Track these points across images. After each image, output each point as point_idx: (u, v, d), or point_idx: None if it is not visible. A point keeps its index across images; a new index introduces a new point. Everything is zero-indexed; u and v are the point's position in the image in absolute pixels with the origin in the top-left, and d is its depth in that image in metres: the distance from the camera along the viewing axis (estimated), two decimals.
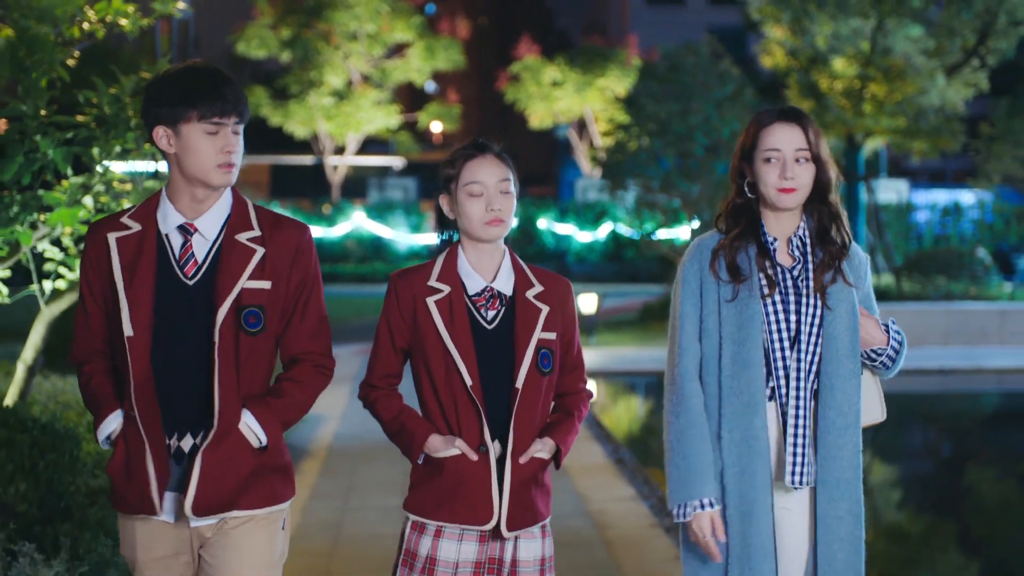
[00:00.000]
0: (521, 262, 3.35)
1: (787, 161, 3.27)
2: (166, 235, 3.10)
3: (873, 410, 3.39)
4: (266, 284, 3.08)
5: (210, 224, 3.10)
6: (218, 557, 3.08)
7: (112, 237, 3.07)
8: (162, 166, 6.13)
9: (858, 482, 3.31)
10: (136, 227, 3.09)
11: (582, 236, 32.81)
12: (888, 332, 3.35)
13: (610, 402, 13.16)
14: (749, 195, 3.36)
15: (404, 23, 34.62)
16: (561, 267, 31.59)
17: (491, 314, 3.25)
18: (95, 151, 5.50)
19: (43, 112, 5.28)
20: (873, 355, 3.34)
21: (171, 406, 3.04)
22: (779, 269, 3.31)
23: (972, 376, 14.56)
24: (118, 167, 5.85)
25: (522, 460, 3.18)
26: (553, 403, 3.36)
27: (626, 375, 14.50)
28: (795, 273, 3.31)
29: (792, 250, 3.33)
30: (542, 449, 3.22)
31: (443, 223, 3.35)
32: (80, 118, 5.57)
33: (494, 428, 3.20)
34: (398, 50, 36.19)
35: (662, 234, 19.81)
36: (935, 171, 47.73)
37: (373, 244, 31.89)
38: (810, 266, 3.31)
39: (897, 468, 10.18)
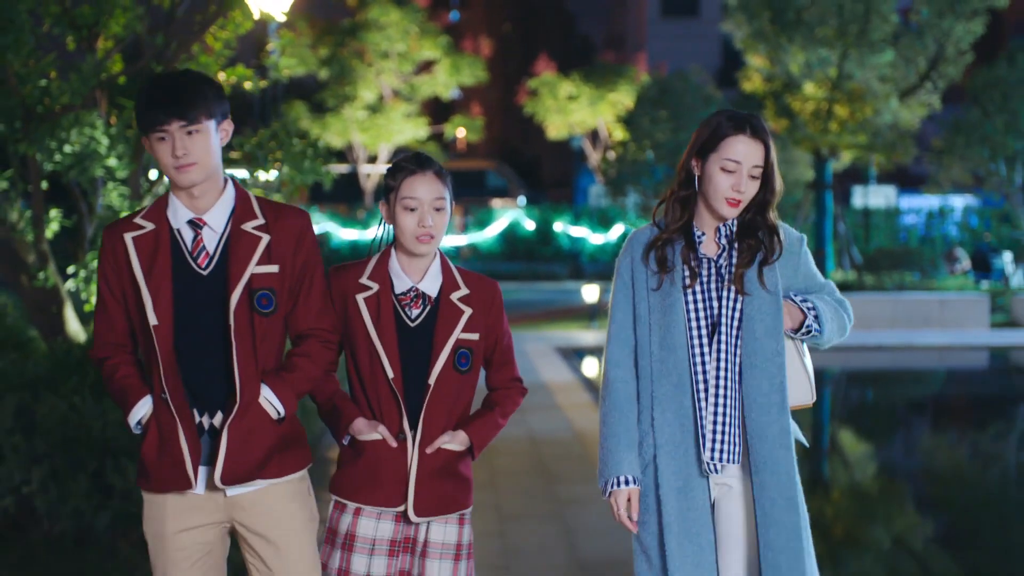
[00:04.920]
0: (452, 266, 3.46)
1: (743, 175, 3.27)
2: (178, 230, 3.21)
3: (803, 393, 3.39)
4: (274, 268, 3.21)
5: (218, 217, 3.22)
6: (256, 522, 3.24)
7: (128, 237, 3.19)
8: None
9: (790, 463, 3.30)
10: (150, 226, 3.20)
11: (595, 238, 35.29)
12: (803, 310, 3.38)
13: (601, 366, 16.11)
14: (695, 188, 3.38)
15: (431, 42, 36.79)
16: (575, 266, 34.17)
17: (415, 313, 3.36)
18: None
19: None
20: (795, 333, 3.39)
21: (197, 387, 3.18)
22: (703, 260, 3.37)
23: (909, 352, 17.32)
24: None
25: (428, 450, 3.32)
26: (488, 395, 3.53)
27: None
28: (719, 261, 3.37)
29: (719, 238, 3.38)
30: (450, 441, 3.35)
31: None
32: (234, 154, 8.52)
33: (411, 419, 3.32)
34: (426, 67, 38.20)
35: None
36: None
37: None
38: (734, 257, 3.36)
39: (848, 418, 12.96)
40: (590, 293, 19.53)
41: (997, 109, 20.67)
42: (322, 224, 33.23)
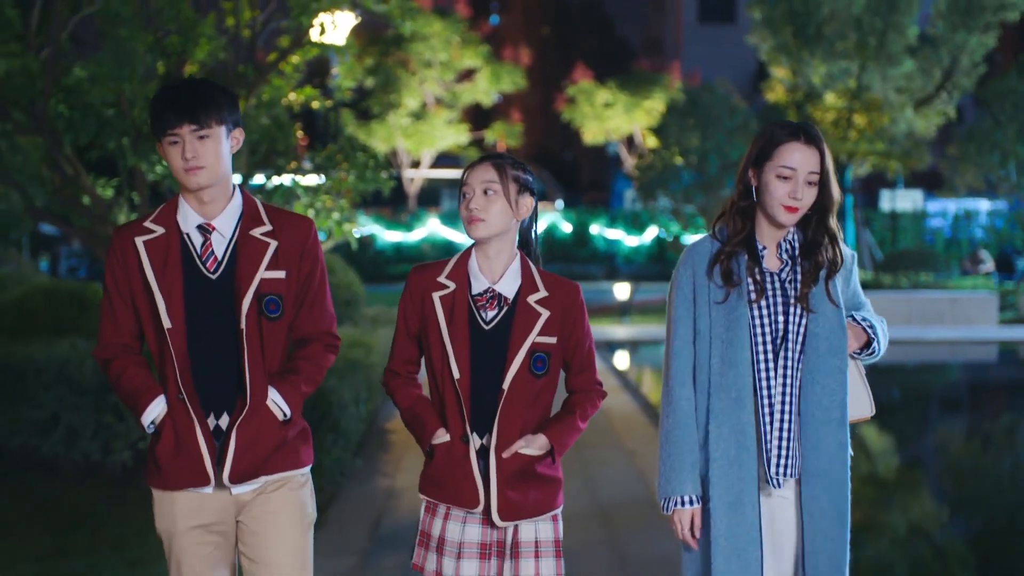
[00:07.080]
0: (532, 267, 3.37)
1: (799, 181, 3.23)
2: (187, 234, 3.23)
3: (862, 406, 3.39)
4: (281, 273, 3.24)
5: (226, 222, 3.24)
6: (258, 520, 3.29)
7: (139, 240, 3.20)
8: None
9: (844, 478, 3.28)
10: (160, 230, 3.22)
11: (629, 240, 36.15)
12: (866, 331, 3.38)
13: (630, 357, 17.38)
14: (753, 199, 3.33)
15: (472, 52, 37.75)
16: (611, 267, 35.08)
17: (490, 315, 3.29)
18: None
19: (292, 164, 9.59)
20: (859, 353, 3.40)
21: (206, 388, 3.20)
22: (768, 275, 3.31)
23: (923, 346, 18.29)
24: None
25: (505, 455, 3.25)
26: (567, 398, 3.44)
27: (645, 343, 18.79)
28: (783, 276, 3.31)
29: (781, 254, 3.34)
30: (527, 446, 3.27)
31: None
32: (306, 165, 9.87)
33: (484, 423, 3.27)
34: (467, 75, 39.12)
35: (689, 238, 23.83)
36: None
37: (446, 247, 34.46)
38: (798, 271, 3.31)
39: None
40: (622, 291, 20.77)
41: (1008, 118, 21.66)
42: (368, 227, 34.13)
